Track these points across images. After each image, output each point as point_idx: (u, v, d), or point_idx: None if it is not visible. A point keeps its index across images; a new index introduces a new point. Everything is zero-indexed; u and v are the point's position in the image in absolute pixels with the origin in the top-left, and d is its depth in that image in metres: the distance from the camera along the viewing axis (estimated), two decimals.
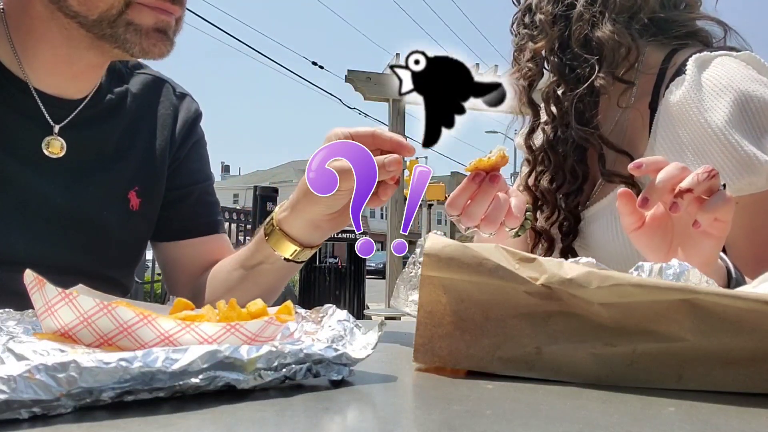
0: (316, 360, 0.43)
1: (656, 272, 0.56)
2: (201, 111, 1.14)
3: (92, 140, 0.96)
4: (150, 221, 1.05)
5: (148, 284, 5.70)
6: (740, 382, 0.46)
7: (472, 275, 0.49)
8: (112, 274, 0.99)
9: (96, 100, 0.96)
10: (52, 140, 0.91)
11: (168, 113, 1.07)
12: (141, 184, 1.01)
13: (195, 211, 1.09)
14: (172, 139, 1.07)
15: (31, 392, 0.34)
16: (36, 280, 0.45)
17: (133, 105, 1.02)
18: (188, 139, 1.09)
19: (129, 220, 0.99)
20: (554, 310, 0.49)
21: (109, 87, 1.00)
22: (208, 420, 0.35)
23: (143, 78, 1.06)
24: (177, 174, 1.08)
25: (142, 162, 1.02)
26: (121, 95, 1.01)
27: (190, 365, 0.38)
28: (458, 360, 0.50)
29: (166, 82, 1.10)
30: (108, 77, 1.00)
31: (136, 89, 1.04)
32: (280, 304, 0.53)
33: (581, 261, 0.59)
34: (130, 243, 1.03)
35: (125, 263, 1.04)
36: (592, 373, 0.48)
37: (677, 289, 0.46)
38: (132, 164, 1.00)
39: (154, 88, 1.07)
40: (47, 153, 0.90)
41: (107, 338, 0.45)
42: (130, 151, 1.00)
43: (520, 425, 0.36)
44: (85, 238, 0.94)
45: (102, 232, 0.96)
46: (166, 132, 1.06)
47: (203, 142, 1.14)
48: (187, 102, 1.11)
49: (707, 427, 0.37)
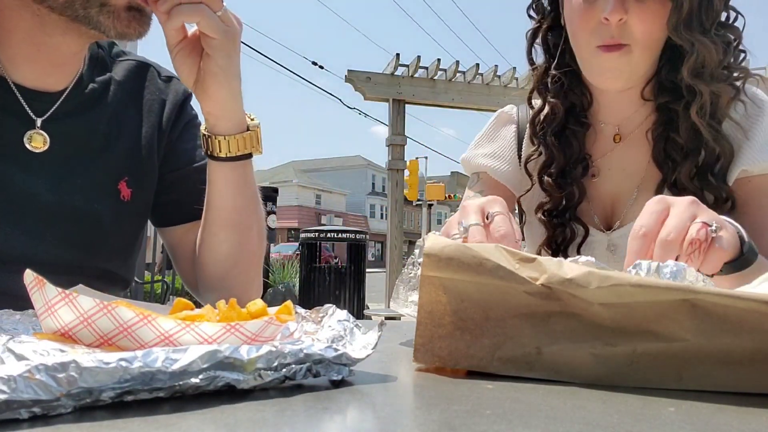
0: (316, 360, 0.43)
1: (654, 270, 0.56)
2: (190, 92, 1.09)
3: (77, 132, 0.93)
4: (144, 211, 1.03)
5: (148, 284, 5.70)
6: (740, 382, 0.46)
7: (472, 275, 0.49)
8: (110, 267, 0.98)
9: (78, 91, 0.94)
10: (35, 134, 0.89)
11: (154, 98, 1.05)
12: (131, 174, 0.99)
13: (195, 193, 1.05)
14: (161, 124, 1.04)
15: (31, 392, 0.34)
16: (36, 279, 0.45)
17: (117, 93, 1.00)
18: (179, 121, 1.07)
19: (121, 212, 0.97)
20: (554, 310, 0.49)
21: (91, 76, 0.97)
22: (208, 420, 0.35)
23: (127, 64, 1.04)
24: (171, 157, 1.06)
25: (131, 151, 0.99)
26: (105, 84, 0.99)
27: (190, 365, 0.38)
28: (458, 360, 0.50)
29: (151, 66, 1.07)
30: (90, 66, 0.98)
31: (120, 76, 1.01)
32: (280, 304, 0.53)
33: (580, 260, 0.59)
34: (125, 235, 1.01)
35: (122, 255, 1.01)
36: (592, 373, 0.48)
37: (678, 289, 0.46)
38: (120, 154, 0.98)
39: (139, 74, 1.05)
40: (30, 147, 0.88)
41: (107, 338, 0.45)
42: (117, 141, 0.98)
43: (521, 425, 0.36)
44: (76, 233, 0.92)
45: (94, 225, 0.94)
46: (153, 118, 1.04)
47: (196, 122, 1.11)
48: (174, 84, 1.08)
49: (708, 427, 0.37)
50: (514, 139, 1.20)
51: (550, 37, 1.13)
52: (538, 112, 1.14)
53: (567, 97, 1.11)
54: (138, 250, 1.08)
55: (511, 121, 1.23)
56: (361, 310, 6.35)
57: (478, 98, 8.35)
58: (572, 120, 1.12)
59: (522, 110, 1.24)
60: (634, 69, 1.01)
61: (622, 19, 0.96)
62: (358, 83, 8.20)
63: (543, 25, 1.13)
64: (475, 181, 1.21)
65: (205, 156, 1.03)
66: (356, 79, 8.18)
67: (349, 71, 8.21)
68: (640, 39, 0.98)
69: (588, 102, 1.12)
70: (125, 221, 0.99)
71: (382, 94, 8.30)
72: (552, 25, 1.12)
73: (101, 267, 0.96)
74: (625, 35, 0.97)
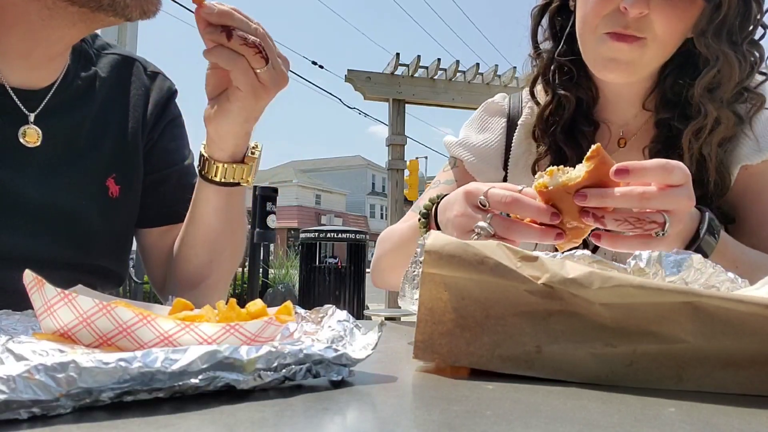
0: (315, 360, 0.43)
1: (655, 260, 0.56)
2: (176, 89, 1.10)
3: (64, 129, 0.93)
4: (132, 207, 1.03)
5: (147, 284, 5.69)
6: (740, 384, 0.46)
7: (473, 273, 0.49)
8: (102, 263, 0.98)
9: (64, 86, 0.93)
10: (28, 129, 0.88)
11: (139, 93, 1.03)
12: (118, 171, 0.98)
13: (174, 196, 1.06)
14: (144, 121, 1.03)
15: (30, 392, 0.34)
16: (35, 280, 0.45)
17: (103, 89, 0.99)
18: (161, 118, 1.06)
19: (110, 209, 0.97)
20: (555, 309, 0.48)
21: (77, 71, 0.96)
22: (207, 420, 0.35)
23: (112, 59, 1.02)
24: (152, 156, 1.05)
25: (117, 148, 0.99)
26: (90, 79, 0.97)
27: (190, 365, 0.38)
28: (458, 357, 0.50)
29: (136, 61, 1.06)
30: (74, 60, 0.96)
31: (105, 72, 1.00)
32: (280, 305, 0.53)
33: (576, 254, 0.59)
34: (115, 231, 1.00)
35: (113, 252, 1.01)
36: (592, 372, 0.48)
37: (679, 292, 0.46)
38: (107, 151, 0.97)
39: (124, 69, 1.03)
40: (23, 142, 0.88)
41: (106, 338, 0.44)
42: (104, 138, 0.97)
43: (521, 426, 0.36)
44: (65, 230, 0.92)
45: (82, 222, 0.94)
46: (138, 114, 1.02)
47: (179, 122, 1.10)
48: (159, 80, 1.07)
49: (708, 428, 0.37)
50: (503, 135, 1.13)
51: (558, 18, 1.05)
52: (546, 106, 1.06)
53: (575, 91, 1.04)
54: (130, 245, 1.08)
55: (501, 113, 1.16)
56: (361, 311, 6.34)
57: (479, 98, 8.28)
58: (580, 118, 1.05)
59: (515, 100, 1.16)
60: (645, 64, 0.94)
61: (642, 12, 0.88)
62: (358, 83, 8.20)
63: (552, 4, 1.05)
64: (452, 166, 1.16)
65: (185, 159, 1.05)
66: (356, 79, 8.19)
67: (349, 71, 8.21)
68: (660, 35, 0.90)
69: (594, 98, 1.06)
70: (114, 218, 0.99)
71: (382, 94, 8.30)
72: (562, 5, 1.04)
73: (94, 263, 0.96)
74: (642, 28, 0.90)
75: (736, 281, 0.57)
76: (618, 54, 0.92)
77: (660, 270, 0.56)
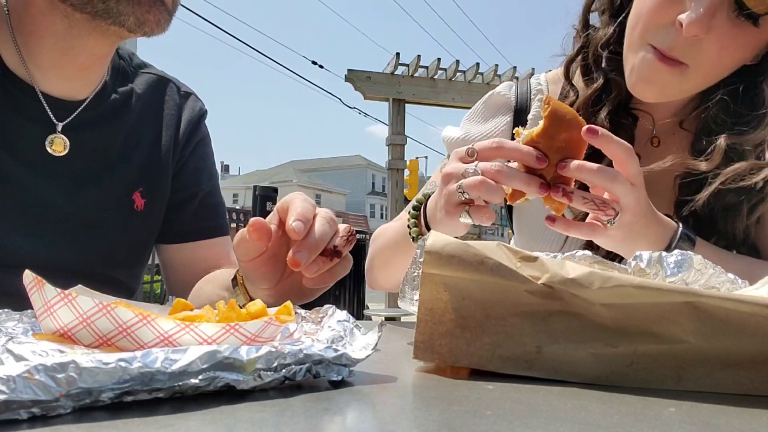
0: (315, 360, 0.43)
1: (655, 260, 0.56)
2: (206, 109, 1.13)
3: (96, 141, 0.95)
4: (155, 222, 1.05)
5: (147, 284, 5.69)
6: (740, 384, 0.46)
7: (473, 273, 0.49)
8: (117, 275, 0.99)
9: (100, 100, 0.96)
10: (56, 138, 0.90)
11: (172, 113, 1.07)
12: (146, 185, 1.01)
13: (198, 214, 1.09)
14: (176, 139, 1.06)
15: (30, 393, 0.34)
16: (35, 280, 0.45)
17: (137, 105, 1.02)
18: (192, 137, 1.09)
19: (133, 221, 0.99)
20: (555, 309, 0.48)
21: (114, 87, 0.99)
22: (207, 420, 0.35)
23: (147, 78, 1.06)
24: (181, 175, 1.07)
25: (147, 162, 1.01)
26: (126, 95, 1.00)
27: (190, 366, 0.38)
28: (458, 358, 0.50)
29: (170, 81, 1.09)
30: (112, 77, 0.99)
31: (141, 89, 1.03)
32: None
33: (577, 255, 0.59)
34: (135, 244, 1.02)
35: (130, 264, 1.03)
36: (592, 373, 0.48)
37: (680, 292, 0.46)
38: (137, 165, 1.00)
39: (159, 88, 1.07)
40: (50, 151, 0.90)
41: (106, 339, 0.44)
42: (134, 152, 1.00)
43: (521, 426, 0.36)
44: (88, 240, 0.94)
45: (106, 233, 0.96)
46: (170, 131, 1.05)
47: (207, 141, 1.13)
48: (191, 101, 1.11)
49: (708, 428, 0.37)
50: (506, 134, 1.05)
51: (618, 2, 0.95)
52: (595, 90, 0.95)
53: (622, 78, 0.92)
54: (146, 260, 1.09)
55: (507, 107, 1.08)
56: (361, 311, 6.34)
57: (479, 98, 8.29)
58: (621, 110, 0.95)
59: (522, 89, 1.08)
60: (681, 91, 0.87)
61: (696, 36, 0.79)
62: (358, 83, 8.20)
63: None
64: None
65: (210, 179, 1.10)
66: (356, 79, 8.19)
67: (349, 71, 8.21)
68: (705, 65, 0.82)
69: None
70: (136, 231, 1.01)
71: (382, 94, 8.31)
72: None
73: (108, 274, 0.97)
74: (688, 53, 0.81)
75: (736, 282, 0.57)
76: (654, 74, 0.84)
77: (660, 270, 0.56)
